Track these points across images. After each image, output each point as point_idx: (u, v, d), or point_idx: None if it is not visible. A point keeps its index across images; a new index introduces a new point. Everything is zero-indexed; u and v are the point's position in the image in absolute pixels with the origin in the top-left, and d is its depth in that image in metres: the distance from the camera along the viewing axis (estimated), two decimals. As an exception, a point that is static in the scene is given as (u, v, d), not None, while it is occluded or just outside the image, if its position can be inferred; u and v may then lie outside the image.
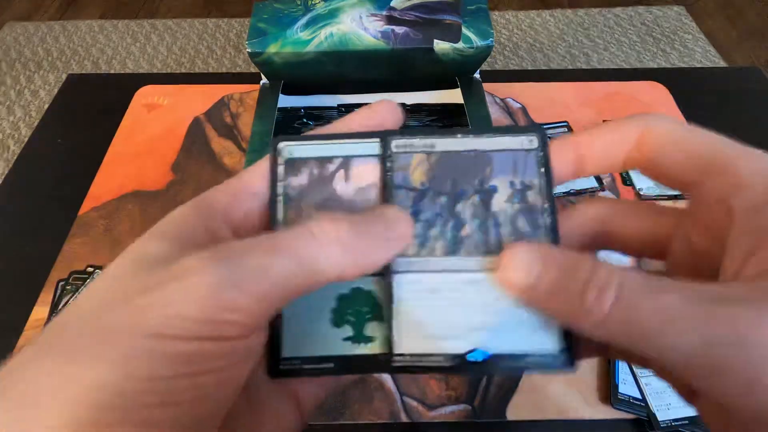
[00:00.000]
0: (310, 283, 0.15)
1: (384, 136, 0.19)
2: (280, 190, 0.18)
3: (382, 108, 0.19)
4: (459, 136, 0.18)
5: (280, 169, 0.19)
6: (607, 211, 0.17)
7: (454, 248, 0.17)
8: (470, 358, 0.16)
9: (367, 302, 0.18)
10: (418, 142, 0.19)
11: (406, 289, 0.18)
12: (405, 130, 0.19)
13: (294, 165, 0.19)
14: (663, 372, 0.16)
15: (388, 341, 0.17)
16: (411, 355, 0.17)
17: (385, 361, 0.17)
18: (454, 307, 0.17)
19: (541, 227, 0.17)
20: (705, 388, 0.12)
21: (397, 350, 0.17)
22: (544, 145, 0.18)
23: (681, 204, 0.50)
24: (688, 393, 0.16)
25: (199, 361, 0.13)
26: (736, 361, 0.11)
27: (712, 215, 0.14)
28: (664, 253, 0.16)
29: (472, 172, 0.18)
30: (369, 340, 0.18)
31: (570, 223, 0.17)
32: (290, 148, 0.19)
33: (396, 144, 0.19)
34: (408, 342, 0.17)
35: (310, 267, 0.15)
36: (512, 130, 0.18)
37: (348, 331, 0.18)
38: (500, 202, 0.18)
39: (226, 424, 0.16)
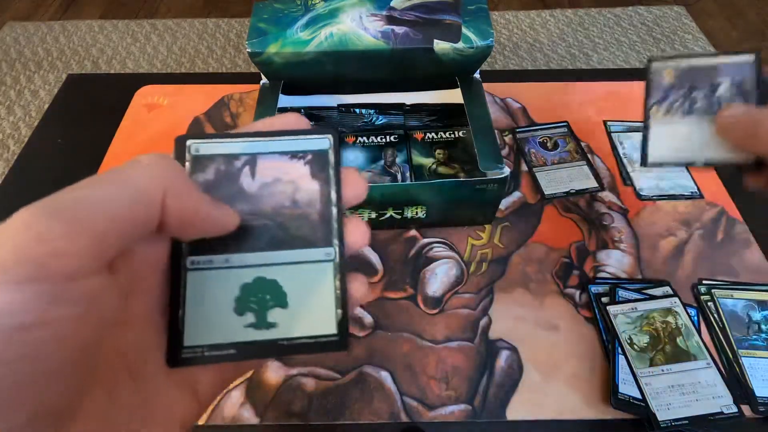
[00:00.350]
0: (137, 209, 0.15)
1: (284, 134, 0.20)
2: None
3: (288, 117, 0.21)
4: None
5: (187, 166, 0.19)
6: None
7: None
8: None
9: (271, 290, 0.19)
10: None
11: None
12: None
13: (201, 162, 0.19)
14: None
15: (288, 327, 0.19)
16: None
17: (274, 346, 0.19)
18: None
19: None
20: None
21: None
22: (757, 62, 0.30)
23: (680, 204, 0.50)
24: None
25: (24, 310, 0.12)
26: None
27: None
28: None
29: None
30: (271, 326, 0.19)
31: None
32: (197, 146, 0.19)
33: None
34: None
35: (134, 190, 0.14)
36: (727, 52, 0.30)
37: (250, 318, 0.19)
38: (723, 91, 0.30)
39: (110, 416, 0.15)
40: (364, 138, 0.51)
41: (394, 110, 0.54)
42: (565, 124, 0.57)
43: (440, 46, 0.45)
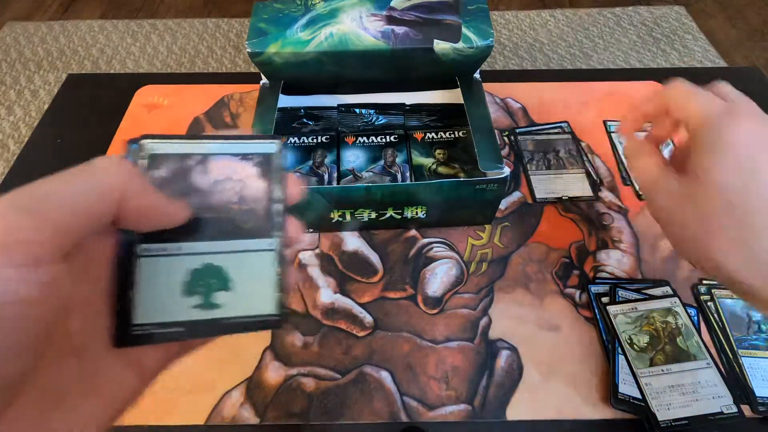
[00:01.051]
0: (97, 205, 0.17)
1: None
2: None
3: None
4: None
5: (144, 163, 0.21)
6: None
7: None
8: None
9: (217, 275, 0.21)
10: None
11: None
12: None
13: (157, 159, 0.21)
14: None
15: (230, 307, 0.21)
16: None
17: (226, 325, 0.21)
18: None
19: None
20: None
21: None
22: None
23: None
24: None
25: None
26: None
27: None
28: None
29: None
30: (215, 306, 0.20)
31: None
32: (152, 145, 0.21)
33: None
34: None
35: (95, 188, 0.17)
36: None
37: (197, 300, 0.20)
38: None
39: (55, 391, 0.17)
40: (364, 138, 0.51)
41: (394, 110, 0.54)
42: (565, 124, 0.57)
43: (440, 46, 0.45)
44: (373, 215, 0.45)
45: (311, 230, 0.48)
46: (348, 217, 0.45)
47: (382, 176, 0.48)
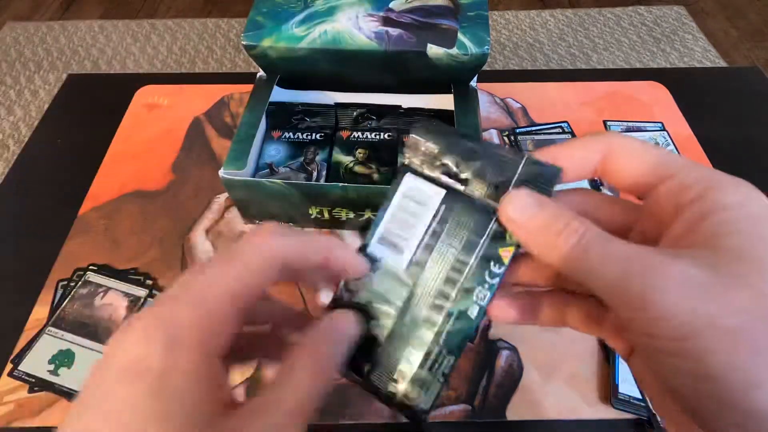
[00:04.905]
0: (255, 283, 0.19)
1: None
2: None
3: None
4: None
5: None
6: (585, 200, 0.21)
7: None
8: None
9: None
10: None
11: None
12: None
13: None
14: (612, 333, 0.21)
15: None
16: None
17: None
18: None
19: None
20: (619, 307, 0.17)
21: None
22: None
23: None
24: (625, 351, 0.21)
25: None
26: (639, 287, 0.16)
27: (663, 210, 0.19)
28: (627, 236, 0.21)
29: None
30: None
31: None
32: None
33: None
34: None
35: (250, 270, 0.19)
36: None
37: None
38: None
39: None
40: (290, 133, 0.51)
41: (390, 112, 0.53)
42: (565, 124, 0.57)
43: (433, 50, 0.45)
44: (351, 215, 0.45)
45: (290, 224, 0.48)
46: (326, 215, 0.45)
47: (297, 173, 0.48)
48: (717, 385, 0.15)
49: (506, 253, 0.20)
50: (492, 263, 0.20)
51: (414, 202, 0.21)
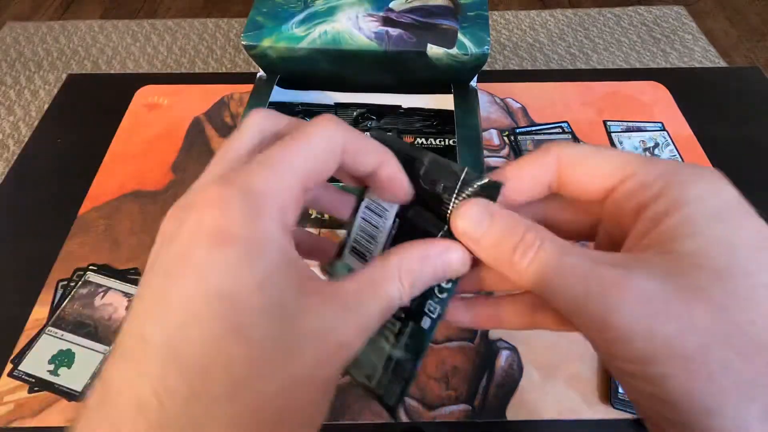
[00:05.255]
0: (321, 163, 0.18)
1: None
2: None
3: None
4: None
5: None
6: (545, 204, 0.20)
7: None
8: None
9: None
10: None
11: None
12: None
13: None
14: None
15: None
16: None
17: None
18: None
19: None
20: (581, 326, 0.16)
21: None
22: None
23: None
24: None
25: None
26: (597, 308, 0.15)
27: (624, 212, 0.17)
28: (593, 237, 0.20)
29: None
30: None
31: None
32: None
33: None
34: None
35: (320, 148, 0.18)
36: None
37: None
38: None
39: None
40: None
41: (390, 112, 0.54)
42: (565, 124, 0.57)
43: (433, 50, 0.45)
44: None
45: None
46: (326, 215, 0.45)
47: None
48: (676, 410, 0.14)
49: None
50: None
51: (375, 213, 0.22)
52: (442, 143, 0.51)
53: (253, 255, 0.14)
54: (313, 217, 0.45)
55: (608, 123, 0.57)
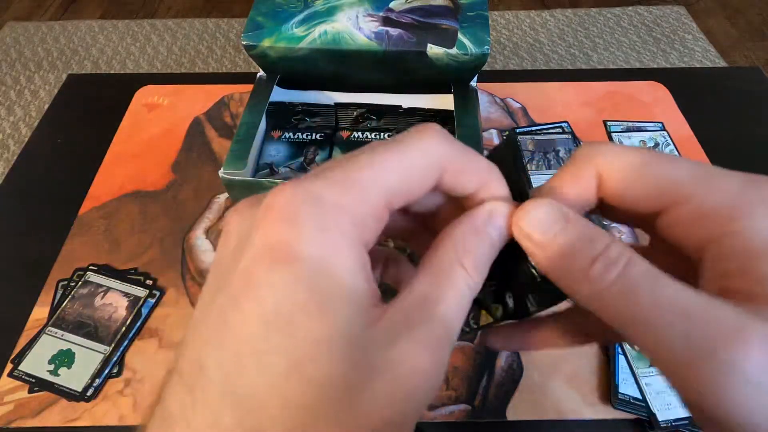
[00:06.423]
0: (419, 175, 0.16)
1: None
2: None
3: None
4: None
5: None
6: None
7: None
8: None
9: None
10: None
11: None
12: None
13: None
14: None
15: None
16: None
17: None
18: None
19: None
20: (670, 375, 0.13)
21: None
22: None
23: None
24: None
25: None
26: (704, 371, 0.12)
27: (680, 240, 0.15)
28: (652, 229, 0.17)
29: None
30: None
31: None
32: None
33: None
34: None
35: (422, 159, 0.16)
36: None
37: None
38: None
39: None
40: (290, 134, 0.51)
41: (390, 112, 0.54)
42: (565, 123, 0.57)
43: (433, 50, 0.45)
44: None
45: None
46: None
47: (297, 173, 0.48)
48: None
49: None
50: None
51: None
52: None
53: (315, 275, 0.13)
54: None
55: (608, 123, 0.57)
